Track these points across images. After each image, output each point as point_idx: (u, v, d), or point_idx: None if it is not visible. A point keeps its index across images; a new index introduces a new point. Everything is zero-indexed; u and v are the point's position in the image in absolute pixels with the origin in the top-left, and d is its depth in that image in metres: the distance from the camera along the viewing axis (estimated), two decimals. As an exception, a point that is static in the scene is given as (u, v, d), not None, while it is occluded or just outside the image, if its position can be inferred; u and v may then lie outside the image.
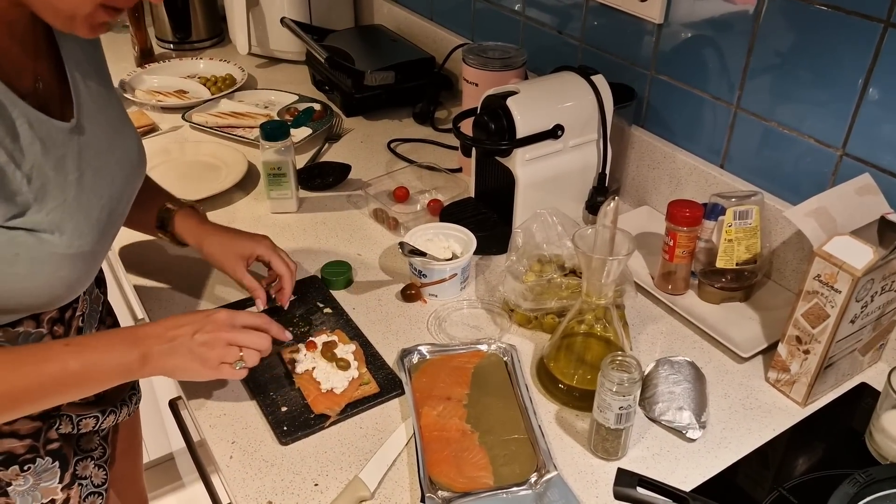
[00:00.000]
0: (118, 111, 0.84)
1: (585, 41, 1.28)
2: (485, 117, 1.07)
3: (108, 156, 0.78)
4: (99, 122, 0.77)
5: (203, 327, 0.77)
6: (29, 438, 0.79)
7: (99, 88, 0.79)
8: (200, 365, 0.77)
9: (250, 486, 0.79)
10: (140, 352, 0.75)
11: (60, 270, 0.71)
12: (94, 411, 0.88)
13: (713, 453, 0.83)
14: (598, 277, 0.83)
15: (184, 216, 0.98)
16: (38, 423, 0.80)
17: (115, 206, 0.79)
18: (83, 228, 0.72)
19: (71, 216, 0.71)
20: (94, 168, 0.75)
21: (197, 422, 0.87)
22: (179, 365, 0.77)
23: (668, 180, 1.18)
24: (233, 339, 0.78)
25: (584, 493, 0.78)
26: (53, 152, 0.70)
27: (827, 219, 0.85)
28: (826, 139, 0.96)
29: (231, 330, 0.79)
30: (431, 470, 0.79)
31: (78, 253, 0.72)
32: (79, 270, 0.73)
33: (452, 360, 0.94)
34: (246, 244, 0.96)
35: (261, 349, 0.80)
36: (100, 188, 0.76)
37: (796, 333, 0.86)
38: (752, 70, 1.02)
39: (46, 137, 0.69)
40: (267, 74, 1.77)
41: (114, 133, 0.80)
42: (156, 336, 0.76)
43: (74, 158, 0.72)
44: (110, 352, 0.74)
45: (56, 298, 0.74)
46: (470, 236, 1.07)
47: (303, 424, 0.85)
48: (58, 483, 0.82)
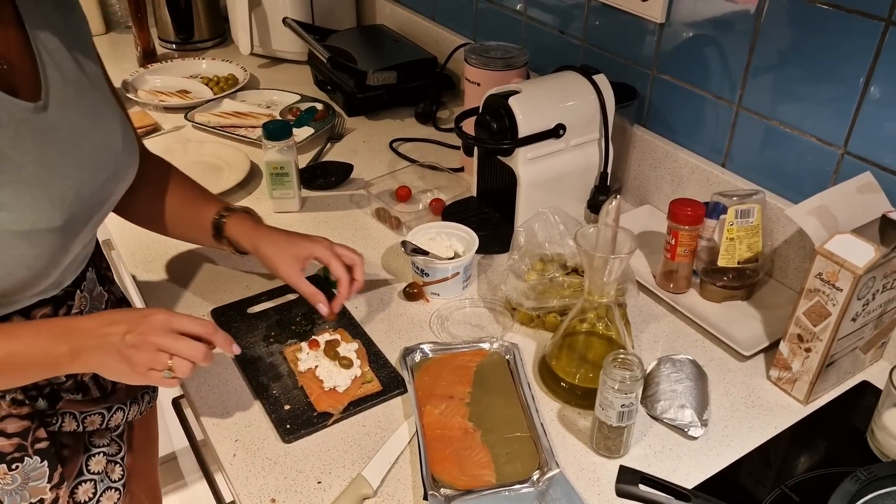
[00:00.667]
0: (101, 98, 0.82)
1: (587, 41, 1.29)
2: (487, 117, 1.07)
3: (82, 138, 0.76)
4: (74, 106, 0.76)
5: (136, 328, 0.72)
6: (16, 437, 0.78)
7: (77, 71, 0.78)
8: (128, 367, 0.72)
9: (253, 484, 0.79)
10: (69, 346, 0.71)
11: (15, 249, 0.68)
12: (100, 408, 0.87)
13: (715, 451, 0.83)
14: (600, 276, 0.83)
15: (237, 221, 0.95)
16: (27, 422, 0.79)
17: (91, 192, 0.77)
18: (41, 205, 0.70)
19: (27, 192, 0.69)
20: (61, 150, 0.73)
21: (200, 420, 0.87)
22: (107, 364, 0.73)
23: (669, 179, 1.18)
24: (164, 346, 0.72)
25: (587, 490, 0.78)
26: (11, 128, 0.69)
27: (828, 217, 0.85)
28: (827, 138, 0.96)
29: (165, 335, 0.72)
30: (434, 468, 0.79)
31: (34, 230, 0.69)
32: (38, 249, 0.70)
33: (455, 358, 0.94)
34: (302, 245, 0.92)
35: (194, 359, 0.73)
36: (67, 168, 0.74)
37: (798, 331, 0.86)
38: (753, 69, 1.02)
39: (2, 112, 0.68)
40: (269, 74, 1.78)
41: (91, 118, 0.78)
42: (87, 330, 0.72)
43: (35, 137, 0.71)
44: (36, 342, 0.71)
45: (20, 282, 0.71)
46: (472, 235, 1.07)
47: (306, 423, 0.85)
48: (46, 482, 0.81)
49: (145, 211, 0.98)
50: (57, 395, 0.83)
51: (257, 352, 0.95)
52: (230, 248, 0.97)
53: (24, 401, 0.79)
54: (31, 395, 0.80)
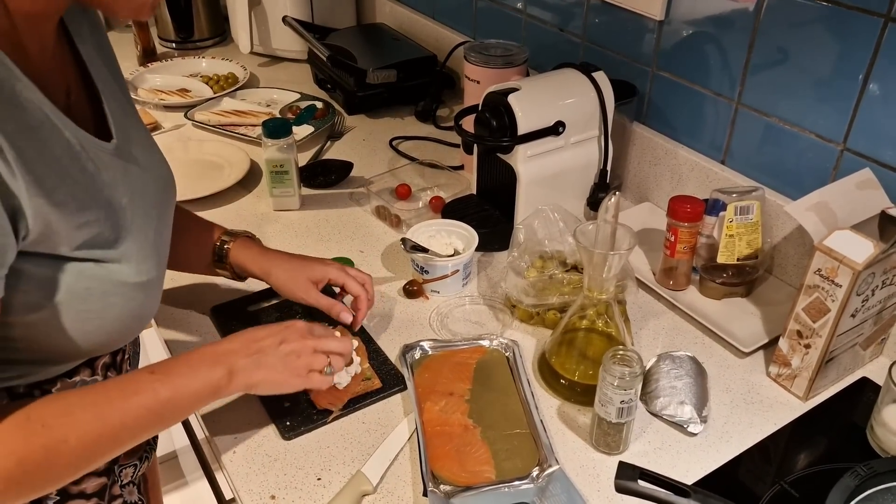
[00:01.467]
0: (142, 127, 0.78)
1: (587, 38, 1.29)
2: (486, 114, 1.07)
3: (147, 175, 0.73)
4: (131, 140, 0.72)
5: (287, 337, 0.76)
6: (95, 497, 0.74)
7: (124, 104, 0.74)
8: (290, 375, 0.75)
9: (253, 480, 0.79)
10: (225, 368, 0.72)
11: (131, 301, 0.67)
12: (133, 459, 0.83)
13: (714, 447, 0.83)
14: (600, 272, 0.83)
15: (241, 246, 0.94)
16: (104, 478, 0.75)
17: (160, 225, 0.74)
18: (146, 253, 0.68)
19: (134, 241, 0.67)
20: (138, 189, 0.70)
21: (199, 417, 0.87)
22: (267, 377, 0.74)
23: (669, 176, 1.18)
24: (319, 346, 0.77)
25: (586, 487, 0.79)
26: (105, 174, 0.65)
27: (828, 213, 0.85)
28: (827, 134, 0.96)
29: (314, 338, 0.77)
30: (434, 464, 0.79)
31: (146, 280, 0.68)
32: (147, 299, 0.70)
33: (454, 355, 0.94)
34: (316, 268, 0.94)
35: (344, 353, 0.80)
36: (146, 209, 0.71)
37: (797, 328, 0.86)
38: (753, 66, 1.02)
39: (97, 159, 0.64)
40: (269, 73, 1.78)
41: (145, 150, 0.75)
42: (238, 351, 0.73)
43: (123, 180, 0.67)
44: (196, 373, 0.71)
45: (127, 333, 0.70)
46: (472, 233, 1.07)
47: (305, 420, 0.85)
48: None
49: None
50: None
51: (257, 349, 0.95)
52: (228, 274, 0.96)
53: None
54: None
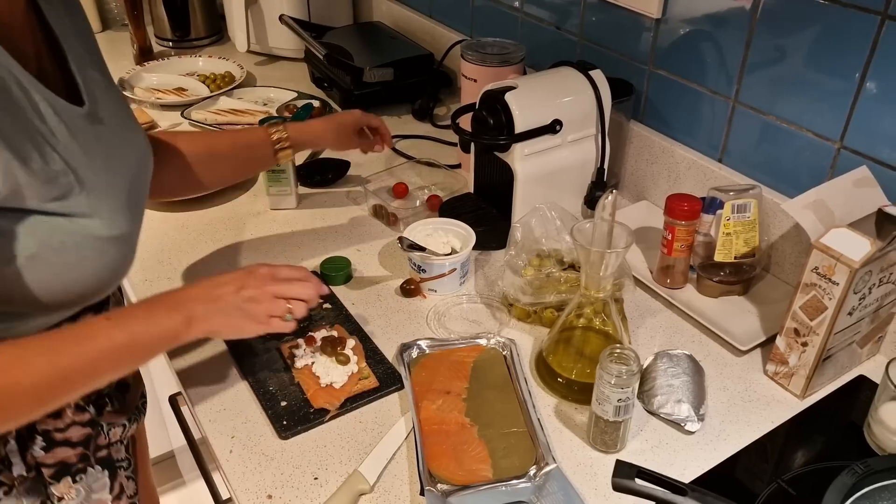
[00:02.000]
0: (119, 99, 0.82)
1: (584, 36, 1.28)
2: (483, 112, 1.07)
3: (121, 140, 0.77)
4: (106, 107, 0.76)
5: (247, 283, 0.76)
6: (80, 446, 0.76)
7: (99, 77, 0.78)
8: (249, 320, 0.76)
9: (250, 480, 0.79)
10: (184, 315, 0.73)
11: (105, 255, 0.70)
12: (122, 419, 0.85)
13: (712, 446, 0.83)
14: (597, 270, 0.83)
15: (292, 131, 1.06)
16: (89, 429, 0.77)
17: (136, 189, 0.78)
18: (116, 210, 0.71)
19: (106, 198, 0.70)
20: (110, 152, 0.74)
21: (197, 417, 0.87)
22: (227, 323, 0.76)
23: (666, 175, 1.18)
24: (279, 292, 0.78)
25: (583, 485, 0.78)
26: (80, 136, 0.69)
27: (825, 211, 0.85)
28: (824, 132, 0.96)
29: (276, 283, 0.78)
30: (431, 463, 0.79)
31: (119, 235, 0.71)
32: (121, 253, 0.72)
33: (452, 354, 0.94)
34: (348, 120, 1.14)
35: (307, 299, 0.80)
36: (121, 169, 0.75)
37: (794, 326, 0.86)
38: (750, 64, 1.02)
39: (69, 121, 0.68)
40: (266, 72, 1.77)
41: (120, 119, 0.79)
42: (198, 297, 0.75)
43: (95, 142, 0.71)
44: (153, 319, 0.72)
45: (104, 285, 0.73)
46: (469, 231, 1.07)
47: (302, 419, 0.85)
48: (108, 494, 0.79)
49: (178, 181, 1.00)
50: (100, 404, 0.81)
51: (254, 348, 0.94)
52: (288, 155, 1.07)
53: (85, 406, 0.77)
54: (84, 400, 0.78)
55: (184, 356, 0.94)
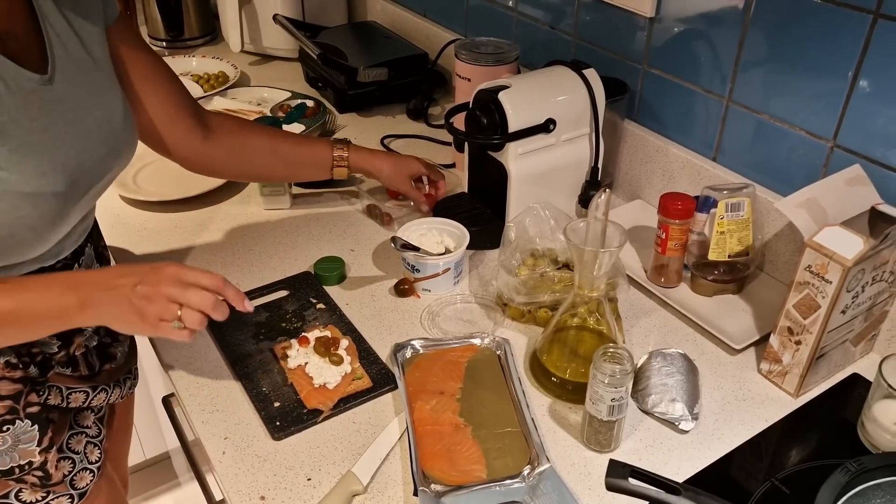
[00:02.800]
0: (104, 80, 0.85)
1: (578, 36, 1.28)
2: (477, 112, 1.07)
3: (85, 113, 0.80)
4: (78, 82, 0.80)
5: (146, 279, 0.73)
6: (9, 400, 0.79)
7: (82, 52, 0.82)
8: (138, 318, 0.73)
9: (243, 481, 0.79)
10: (78, 297, 0.72)
11: (19, 210, 0.71)
12: (85, 386, 0.89)
13: (706, 445, 0.83)
14: (590, 270, 0.83)
15: (353, 151, 1.14)
16: (20, 385, 0.80)
17: (92, 163, 0.80)
18: (45, 169, 0.73)
19: (33, 156, 0.72)
20: (66, 121, 0.77)
21: (189, 418, 0.87)
22: (118, 315, 0.74)
23: (660, 174, 1.18)
24: (174, 296, 0.73)
25: (577, 485, 0.78)
26: (19, 96, 0.72)
27: (818, 210, 0.85)
28: (817, 131, 0.96)
29: (176, 285, 0.73)
30: (424, 464, 0.79)
31: (38, 192, 0.72)
32: (41, 212, 0.73)
33: (446, 354, 0.94)
34: (412, 165, 1.17)
35: (204, 309, 0.74)
36: (70, 138, 0.77)
37: (788, 324, 0.86)
38: (743, 63, 1.02)
39: (11, 81, 0.72)
40: (260, 72, 1.77)
41: (95, 95, 0.82)
42: (97, 283, 0.73)
43: (42, 107, 0.75)
44: (47, 294, 0.72)
45: (22, 243, 0.74)
46: (463, 231, 1.07)
47: (295, 420, 0.85)
48: (36, 446, 0.82)
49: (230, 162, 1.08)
50: (48, 365, 0.84)
51: (247, 349, 0.94)
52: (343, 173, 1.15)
53: (18, 364, 0.80)
54: (25, 360, 0.81)
55: (176, 357, 0.94)
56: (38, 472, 0.83)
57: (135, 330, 0.77)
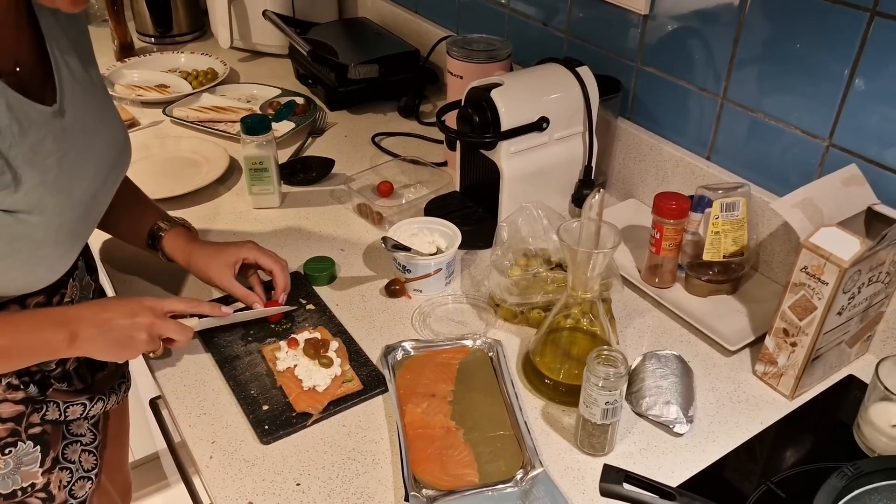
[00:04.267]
0: (102, 96, 0.84)
1: (571, 33, 1.27)
2: (469, 110, 1.05)
3: (93, 138, 0.79)
4: (83, 105, 0.78)
5: (137, 311, 0.79)
6: (11, 422, 0.79)
7: (83, 73, 0.80)
8: (128, 349, 0.80)
9: (230, 486, 0.77)
10: (68, 332, 0.76)
11: (40, 250, 0.72)
12: (83, 398, 0.88)
13: (701, 447, 0.82)
14: (584, 271, 0.81)
15: (174, 236, 0.98)
16: (21, 407, 0.79)
17: (100, 188, 0.80)
18: (64, 207, 0.73)
19: (51, 196, 0.72)
20: (77, 149, 0.76)
21: (176, 421, 0.85)
22: (103, 348, 0.79)
23: (654, 173, 1.17)
24: (156, 330, 0.81)
25: (571, 489, 0.77)
26: (32, 134, 0.70)
27: (814, 210, 0.84)
28: (813, 130, 0.95)
29: (157, 318, 0.81)
30: (415, 468, 0.78)
31: (58, 232, 0.73)
32: (60, 250, 0.75)
33: (437, 356, 0.92)
34: (230, 252, 0.96)
35: (179, 340, 0.84)
36: (83, 170, 0.77)
37: (783, 326, 0.85)
38: (738, 61, 1.01)
39: (24, 119, 0.70)
40: (249, 68, 1.75)
41: (98, 117, 0.81)
42: (85, 319, 0.77)
43: (55, 141, 0.73)
44: (38, 331, 0.75)
45: (38, 280, 0.75)
46: (455, 231, 1.05)
47: (284, 423, 0.83)
48: (38, 467, 0.81)
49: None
50: (46, 383, 0.84)
51: (235, 351, 0.92)
52: (163, 259, 1.00)
53: (20, 386, 0.80)
54: (24, 380, 0.81)
55: (163, 359, 0.92)
56: (41, 493, 0.82)
57: (118, 359, 0.82)
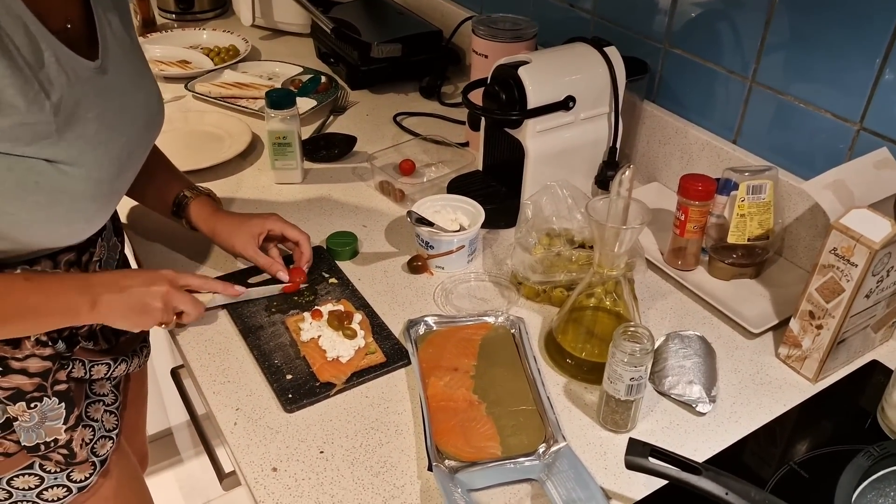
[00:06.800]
0: (140, 59, 0.86)
1: (597, 14, 1.26)
2: (495, 87, 1.05)
3: (131, 98, 0.81)
4: (123, 64, 0.80)
5: (155, 281, 0.82)
6: (38, 377, 0.79)
7: (124, 35, 0.82)
8: (146, 316, 0.82)
9: (255, 452, 0.78)
10: (90, 297, 0.77)
11: (79, 202, 0.74)
12: (107, 359, 0.89)
13: (723, 427, 0.82)
14: (611, 248, 0.81)
15: (199, 205, 0.99)
16: (49, 363, 0.80)
17: (135, 148, 0.82)
18: (102, 162, 0.75)
19: (91, 150, 0.73)
20: (116, 108, 0.77)
21: (201, 388, 0.86)
22: (123, 314, 0.81)
23: (679, 156, 1.16)
24: (171, 301, 0.83)
25: (593, 464, 0.77)
26: (78, 87, 0.72)
27: (844, 192, 0.83)
28: (843, 113, 0.94)
29: (174, 291, 0.83)
30: (438, 439, 0.78)
31: (97, 186, 0.75)
32: (97, 204, 0.76)
33: (459, 331, 0.93)
34: (255, 222, 0.97)
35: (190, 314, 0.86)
36: (122, 127, 0.78)
37: (809, 308, 0.85)
38: (769, 43, 1.00)
39: (71, 72, 0.71)
40: (271, 47, 1.75)
41: (137, 77, 0.83)
42: (105, 284, 0.79)
43: (98, 96, 0.75)
44: (64, 293, 0.77)
45: (74, 232, 0.77)
46: (478, 208, 1.05)
47: (308, 392, 0.83)
48: (62, 424, 0.82)
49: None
50: (74, 340, 0.85)
51: (259, 321, 0.93)
52: (187, 227, 1.01)
53: (48, 342, 0.80)
54: (53, 336, 0.82)
55: (187, 328, 0.93)
56: (63, 450, 0.83)
57: (137, 326, 0.84)
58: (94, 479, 0.87)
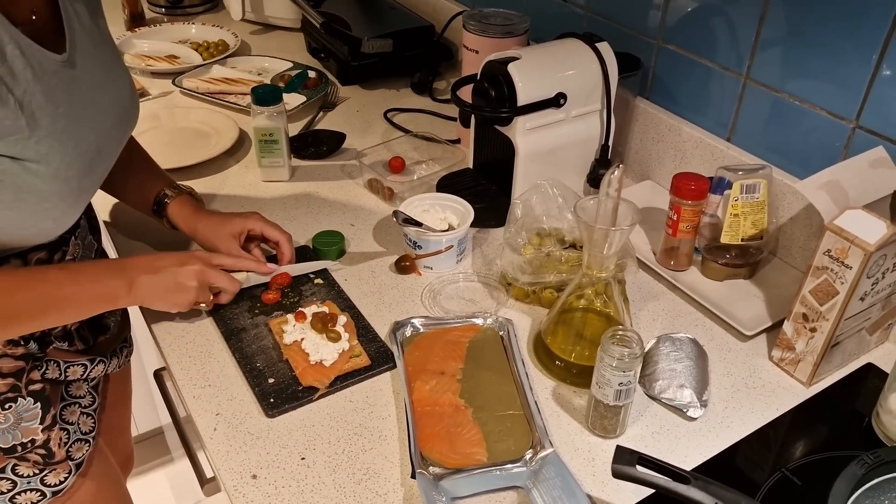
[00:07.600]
0: (111, 51, 0.84)
1: (590, 9, 1.24)
2: (485, 83, 1.03)
3: (101, 92, 0.79)
4: (92, 58, 0.78)
5: (188, 261, 0.83)
6: (11, 377, 0.78)
7: (93, 27, 0.80)
8: (182, 295, 0.84)
9: (234, 458, 0.76)
10: (127, 279, 0.79)
11: (46, 201, 0.72)
12: (83, 359, 0.87)
13: (714, 432, 0.80)
14: (600, 249, 0.79)
15: (179, 204, 0.97)
16: (21, 363, 0.79)
17: (105, 144, 0.80)
18: (71, 159, 0.73)
19: (60, 146, 0.71)
20: (85, 102, 0.75)
21: (181, 392, 0.84)
22: (160, 295, 0.82)
23: (672, 154, 1.14)
24: (211, 279, 0.86)
25: (581, 470, 0.76)
26: (44, 81, 0.70)
27: (839, 192, 0.81)
28: (839, 111, 0.92)
29: (210, 270, 0.85)
30: (423, 445, 0.76)
31: (64, 184, 0.73)
32: (65, 203, 0.74)
33: (447, 333, 0.91)
34: (236, 222, 0.96)
35: (228, 291, 0.90)
36: (91, 122, 0.76)
37: (803, 311, 0.83)
38: (763, 39, 0.98)
39: (37, 66, 0.69)
40: (261, 41, 1.72)
41: (107, 71, 0.81)
42: (140, 266, 0.80)
43: (65, 90, 0.72)
44: (101, 278, 0.78)
45: (42, 232, 0.75)
46: (467, 207, 1.03)
47: (290, 397, 0.82)
48: (38, 424, 0.81)
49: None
50: (46, 340, 0.83)
51: (241, 323, 0.91)
52: (167, 226, 0.99)
53: (20, 342, 0.79)
54: (24, 336, 0.80)
55: (168, 330, 0.91)
56: (40, 450, 0.82)
57: (171, 307, 0.86)
58: (70, 483, 0.85)
